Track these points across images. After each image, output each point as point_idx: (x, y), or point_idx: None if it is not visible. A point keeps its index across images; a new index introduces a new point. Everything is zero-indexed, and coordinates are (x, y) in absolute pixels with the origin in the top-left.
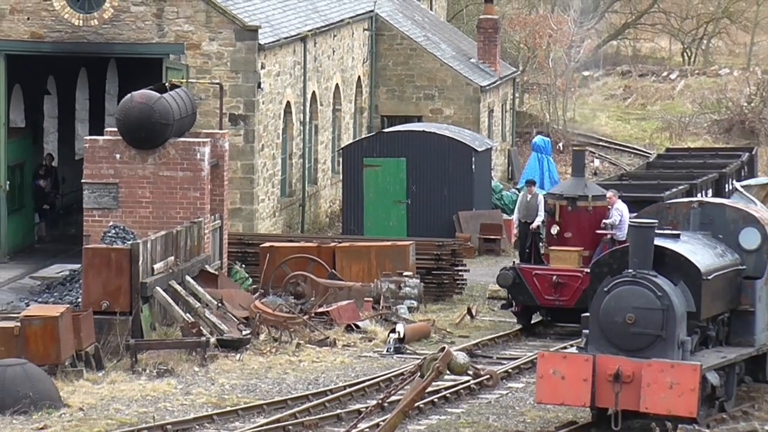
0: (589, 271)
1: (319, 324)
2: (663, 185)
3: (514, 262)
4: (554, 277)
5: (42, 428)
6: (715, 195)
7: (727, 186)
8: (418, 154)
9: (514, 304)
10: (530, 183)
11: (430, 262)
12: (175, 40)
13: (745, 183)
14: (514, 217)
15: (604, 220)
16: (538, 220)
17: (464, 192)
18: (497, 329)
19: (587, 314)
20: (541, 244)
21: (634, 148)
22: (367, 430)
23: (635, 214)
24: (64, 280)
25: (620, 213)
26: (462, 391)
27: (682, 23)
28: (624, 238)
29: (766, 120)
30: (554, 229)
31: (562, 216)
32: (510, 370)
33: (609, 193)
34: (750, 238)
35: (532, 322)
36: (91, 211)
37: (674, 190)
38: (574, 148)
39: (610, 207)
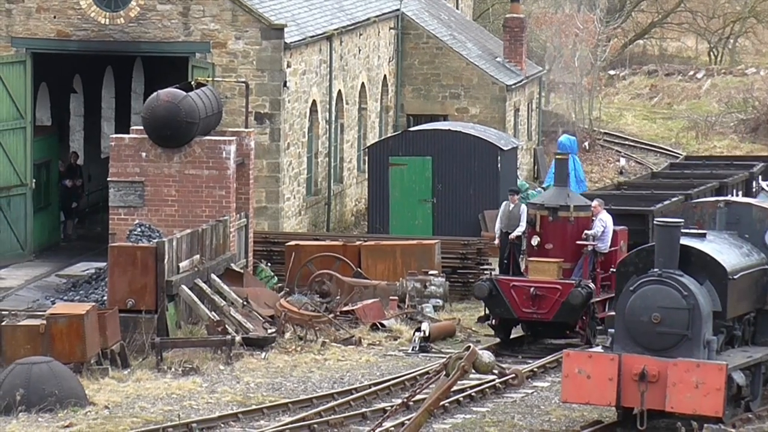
0: (570, 282)
1: (345, 323)
2: (656, 196)
3: (491, 273)
4: (532, 289)
5: (67, 426)
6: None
7: (729, 195)
8: (443, 153)
9: (490, 317)
10: (513, 192)
11: (456, 261)
12: (201, 38)
13: None
14: (496, 226)
15: (585, 231)
16: (519, 230)
17: (490, 191)
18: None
19: (612, 313)
20: (520, 255)
21: (661, 148)
22: (393, 428)
23: (623, 227)
24: (90, 278)
25: (603, 224)
26: (487, 390)
27: (708, 22)
28: (606, 250)
29: None
30: (535, 240)
31: (543, 226)
32: (535, 369)
33: (594, 203)
34: None
35: (512, 336)
36: (117, 210)
37: (666, 202)
38: (557, 156)
39: (594, 217)
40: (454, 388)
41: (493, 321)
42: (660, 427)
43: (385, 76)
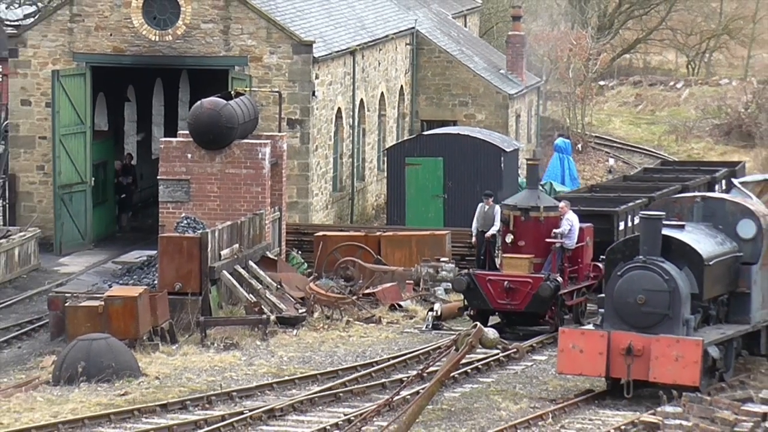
0: (540, 276)
1: (366, 304)
2: (622, 198)
3: (469, 268)
4: (506, 283)
5: (123, 394)
6: None
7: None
8: (453, 154)
9: (469, 307)
10: (487, 196)
11: (464, 249)
12: (239, 53)
13: (742, 180)
14: (473, 226)
15: (554, 230)
16: (494, 229)
17: (494, 187)
18: None
19: (602, 295)
20: (496, 252)
21: (645, 149)
22: (409, 397)
23: (589, 225)
24: (143, 265)
25: (570, 223)
26: (492, 363)
27: (687, 39)
28: (573, 247)
29: (761, 124)
30: (509, 238)
31: (516, 225)
32: (534, 345)
33: (561, 204)
34: (746, 229)
35: (489, 325)
36: (166, 204)
37: (630, 204)
38: (528, 162)
39: (561, 217)
40: (463, 361)
41: (472, 311)
42: (644, 395)
43: (401, 86)
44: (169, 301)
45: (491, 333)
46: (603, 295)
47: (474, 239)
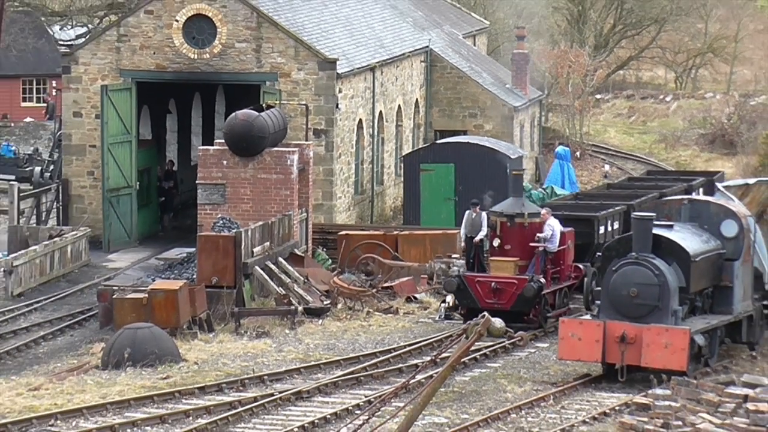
0: (524, 277)
1: (385, 296)
2: (603, 205)
3: (459, 270)
4: (493, 284)
5: (165, 378)
6: None
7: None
8: (464, 160)
9: (458, 307)
10: (474, 204)
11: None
12: (270, 70)
13: (725, 184)
14: (462, 232)
15: (537, 234)
16: (481, 235)
17: (500, 191)
18: None
19: (599, 288)
20: (484, 255)
21: (637, 156)
22: (423, 380)
23: (570, 229)
24: (183, 261)
25: (552, 228)
26: (499, 349)
27: (675, 57)
28: (555, 250)
29: (743, 134)
30: (496, 242)
31: (502, 231)
32: (537, 333)
33: (543, 211)
34: (729, 228)
35: None
36: (204, 206)
37: (610, 210)
38: (513, 172)
39: (544, 223)
40: (473, 348)
41: (462, 310)
42: (636, 379)
43: (416, 99)
44: (206, 294)
45: (498, 323)
46: (599, 288)
47: (463, 244)
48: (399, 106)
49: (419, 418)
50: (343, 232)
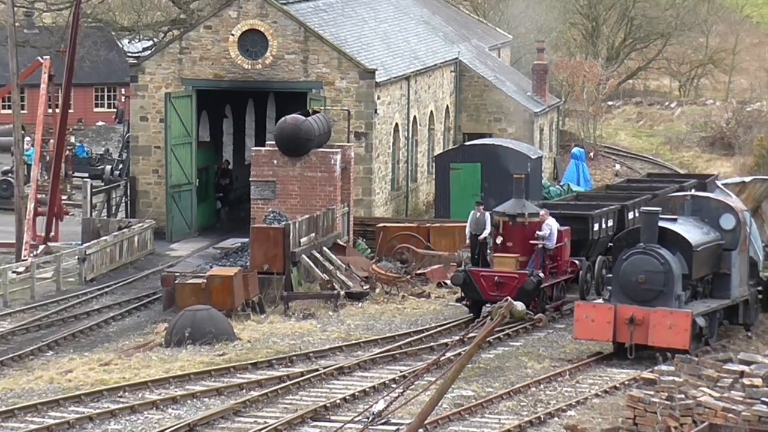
0: (525, 272)
1: (418, 282)
2: (599, 204)
3: (465, 265)
4: (496, 278)
5: (221, 354)
6: None
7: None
8: (489, 160)
9: (465, 299)
10: (479, 204)
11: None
12: (316, 79)
13: (724, 182)
14: (467, 230)
15: (537, 232)
16: (486, 233)
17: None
18: None
19: (611, 275)
20: (488, 251)
21: (645, 157)
22: (452, 357)
23: (566, 228)
24: (237, 250)
25: (549, 227)
26: (520, 330)
27: (679, 67)
28: (553, 247)
29: (740, 137)
30: (498, 240)
31: (504, 229)
32: (554, 316)
33: (542, 211)
34: (727, 221)
35: (483, 314)
36: (256, 201)
37: (604, 209)
38: (515, 176)
39: (542, 222)
40: (497, 329)
41: (468, 302)
42: (644, 357)
43: (447, 105)
44: (258, 279)
45: (520, 306)
46: (611, 275)
47: (468, 241)
48: (431, 111)
49: (449, 391)
50: (381, 225)
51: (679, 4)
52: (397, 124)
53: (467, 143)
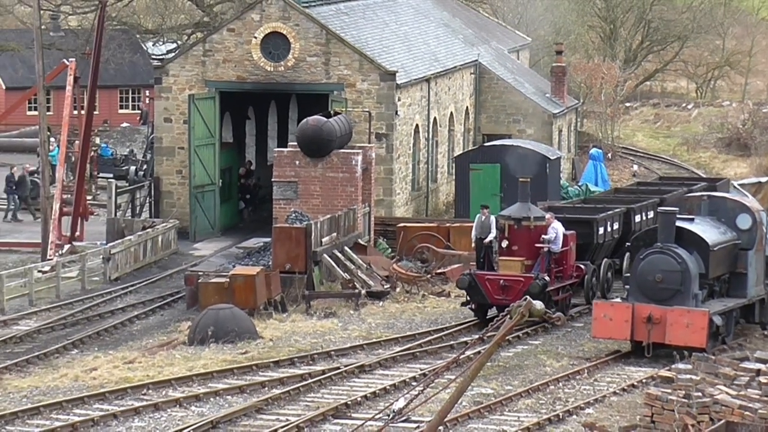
0: (530, 276)
1: (438, 281)
2: (605, 208)
3: (470, 269)
4: (502, 281)
5: (244, 353)
6: (654, 216)
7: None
8: (508, 161)
9: (470, 302)
10: (484, 207)
11: None
12: (337, 81)
13: (740, 182)
14: (473, 234)
15: (542, 236)
16: (491, 237)
17: (541, 188)
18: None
19: (628, 274)
20: (493, 255)
21: (662, 157)
22: (472, 356)
23: (572, 232)
24: (260, 249)
25: (555, 230)
26: (539, 329)
27: (696, 69)
28: (558, 251)
29: (756, 138)
30: (504, 243)
31: (510, 233)
32: (573, 314)
33: (547, 215)
34: (744, 221)
35: (488, 317)
36: (279, 201)
37: (609, 212)
38: (520, 180)
39: (548, 226)
40: (516, 327)
41: (473, 305)
42: (661, 355)
43: (467, 107)
44: (280, 279)
45: (538, 305)
46: (628, 274)
47: (474, 245)
48: (451, 112)
49: (468, 389)
50: (401, 224)
51: (696, 7)
52: (417, 126)
53: (487, 144)
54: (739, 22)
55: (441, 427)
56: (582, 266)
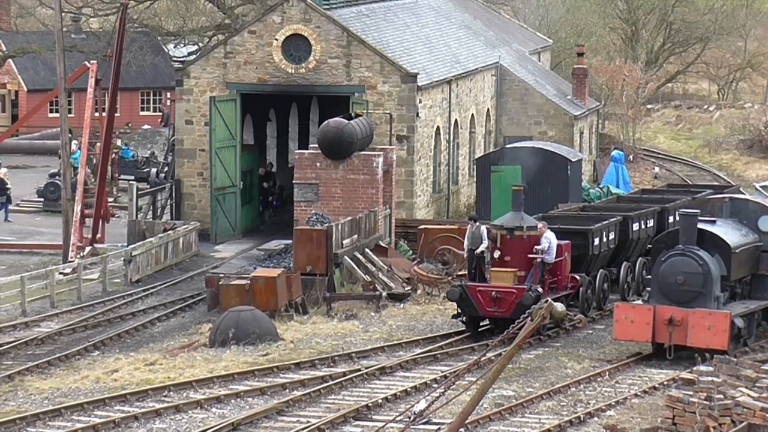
0: (523, 287)
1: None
2: (602, 216)
3: (461, 280)
4: (493, 293)
5: (265, 355)
6: (656, 225)
7: (670, 217)
8: (529, 163)
9: (461, 315)
10: (473, 219)
11: None
12: (358, 83)
13: (762, 184)
14: (465, 244)
15: (535, 246)
16: (483, 247)
17: (562, 190)
18: None
19: (650, 276)
20: (484, 266)
21: (684, 159)
22: (493, 357)
23: (566, 242)
24: (281, 251)
25: (548, 240)
26: (560, 330)
27: (717, 71)
28: (552, 261)
29: None
30: (496, 254)
31: (502, 243)
32: (594, 317)
33: (540, 225)
34: (766, 223)
35: (480, 330)
36: (300, 203)
37: (605, 222)
38: (513, 187)
39: (540, 236)
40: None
41: (464, 318)
42: (683, 357)
43: (488, 109)
44: (301, 281)
45: (560, 307)
46: (650, 276)
47: (465, 256)
48: (472, 114)
49: (489, 391)
50: (422, 226)
51: (718, 8)
52: (438, 128)
53: (508, 146)
54: (762, 24)
55: (462, 429)
56: (577, 277)
